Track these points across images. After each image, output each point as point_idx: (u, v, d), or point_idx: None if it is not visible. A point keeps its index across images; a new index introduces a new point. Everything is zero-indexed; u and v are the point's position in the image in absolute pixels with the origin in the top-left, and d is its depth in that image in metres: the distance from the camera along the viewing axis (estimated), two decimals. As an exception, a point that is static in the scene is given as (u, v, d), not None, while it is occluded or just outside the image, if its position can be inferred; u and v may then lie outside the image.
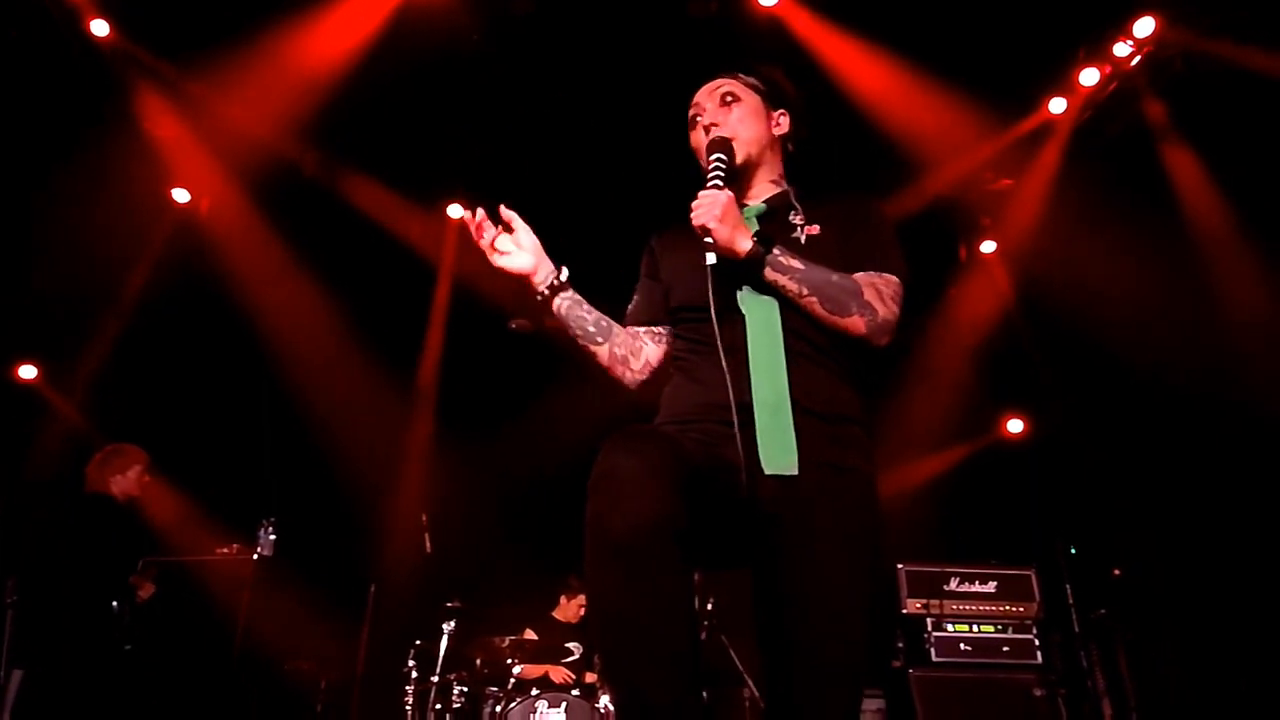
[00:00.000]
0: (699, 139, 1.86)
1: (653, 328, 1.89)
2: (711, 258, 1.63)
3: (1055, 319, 5.50)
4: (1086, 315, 5.07)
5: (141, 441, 4.21)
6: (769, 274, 1.65)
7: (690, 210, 1.66)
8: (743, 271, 1.67)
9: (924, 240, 5.67)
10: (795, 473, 1.56)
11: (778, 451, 1.57)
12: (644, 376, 1.86)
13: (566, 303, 1.81)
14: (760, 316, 1.67)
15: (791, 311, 1.67)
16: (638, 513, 1.33)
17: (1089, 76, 4.80)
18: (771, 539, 1.56)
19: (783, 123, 1.91)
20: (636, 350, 1.86)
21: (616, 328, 1.86)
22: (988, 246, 5.89)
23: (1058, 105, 5.01)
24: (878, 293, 1.69)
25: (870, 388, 1.75)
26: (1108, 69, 4.75)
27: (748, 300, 1.68)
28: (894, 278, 1.72)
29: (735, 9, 4.21)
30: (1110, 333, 4.93)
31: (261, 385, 5.50)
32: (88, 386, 5.45)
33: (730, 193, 1.67)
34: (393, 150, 5.30)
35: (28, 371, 5.49)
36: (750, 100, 1.86)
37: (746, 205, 1.84)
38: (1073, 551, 4.62)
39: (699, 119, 1.86)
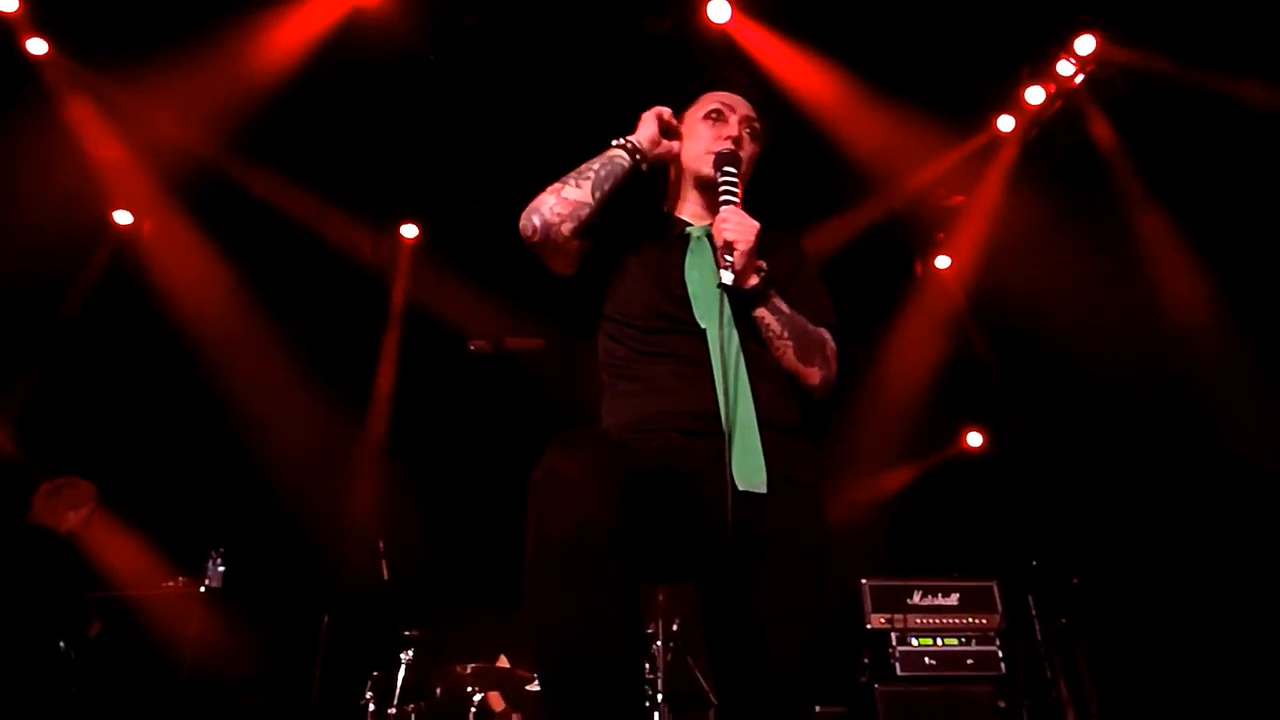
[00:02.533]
0: (705, 131, 1.85)
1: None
2: (728, 277, 1.61)
3: (1010, 332, 5.60)
4: (1040, 328, 5.16)
5: (81, 472, 4.05)
6: (762, 310, 1.69)
7: (717, 221, 1.67)
8: (735, 297, 1.68)
9: (879, 255, 5.75)
10: (764, 491, 1.57)
11: (750, 469, 1.57)
12: (568, 239, 1.72)
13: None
14: (722, 334, 1.67)
15: (747, 331, 1.69)
16: (578, 516, 1.28)
17: (1035, 95, 4.91)
18: (735, 552, 1.54)
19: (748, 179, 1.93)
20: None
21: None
22: (942, 261, 5.98)
23: (1006, 123, 5.11)
24: (832, 350, 1.77)
25: (812, 404, 1.78)
26: (1053, 87, 4.88)
27: (707, 317, 1.68)
28: (830, 334, 1.79)
29: (688, 26, 4.23)
30: (1063, 345, 5.02)
31: (208, 412, 5.33)
32: (22, 414, 5.23)
33: (758, 224, 1.68)
34: (344, 168, 5.20)
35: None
36: (758, 149, 1.91)
37: (697, 225, 1.85)
38: (1034, 563, 4.67)
39: (725, 119, 1.85)
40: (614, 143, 1.80)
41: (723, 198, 1.71)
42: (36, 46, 4.32)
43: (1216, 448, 4.37)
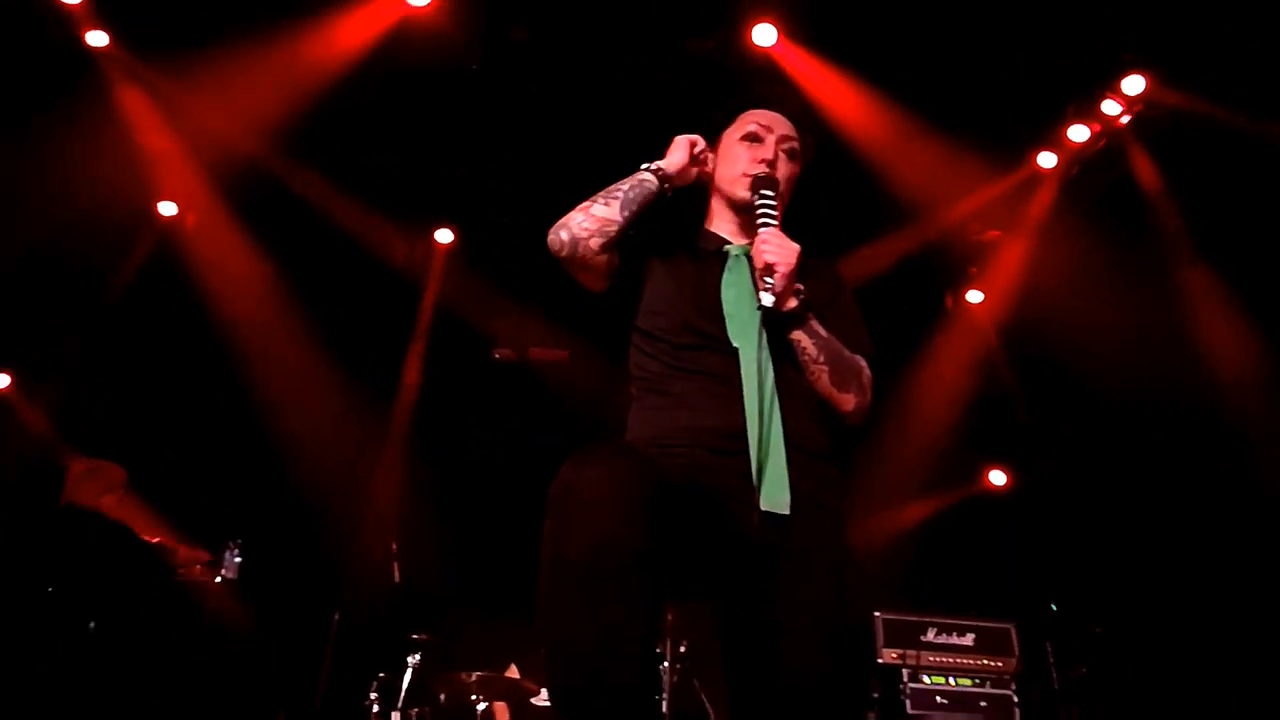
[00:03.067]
0: (742, 153, 1.84)
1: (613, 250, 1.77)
2: (768, 299, 1.61)
3: (1040, 371, 5.52)
4: (1071, 367, 5.08)
5: (109, 455, 4.12)
6: (799, 333, 1.68)
7: (757, 243, 1.66)
8: (771, 319, 1.68)
9: (910, 286, 5.70)
10: (788, 512, 1.55)
11: (774, 489, 1.56)
12: (596, 254, 1.72)
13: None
14: (753, 353, 1.66)
15: (782, 353, 1.68)
16: (597, 532, 1.25)
17: (1078, 133, 4.85)
18: (759, 573, 1.54)
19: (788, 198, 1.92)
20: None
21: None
22: (974, 296, 5.92)
23: (1047, 159, 5.06)
24: (867, 377, 1.76)
25: (843, 429, 1.76)
26: (1097, 126, 4.82)
27: (741, 336, 1.68)
28: (866, 363, 1.78)
29: (732, 47, 4.25)
30: (1094, 384, 4.94)
31: (236, 403, 5.40)
32: (58, 398, 5.34)
33: (799, 246, 1.68)
34: (384, 171, 5.28)
35: None
36: (797, 168, 1.89)
37: (739, 244, 1.85)
38: (1054, 608, 4.58)
39: (761, 140, 1.85)
40: (643, 166, 1.82)
41: (761, 219, 1.71)
42: (96, 38, 4.44)
43: (1252, 493, 4.26)
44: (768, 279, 1.62)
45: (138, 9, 4.27)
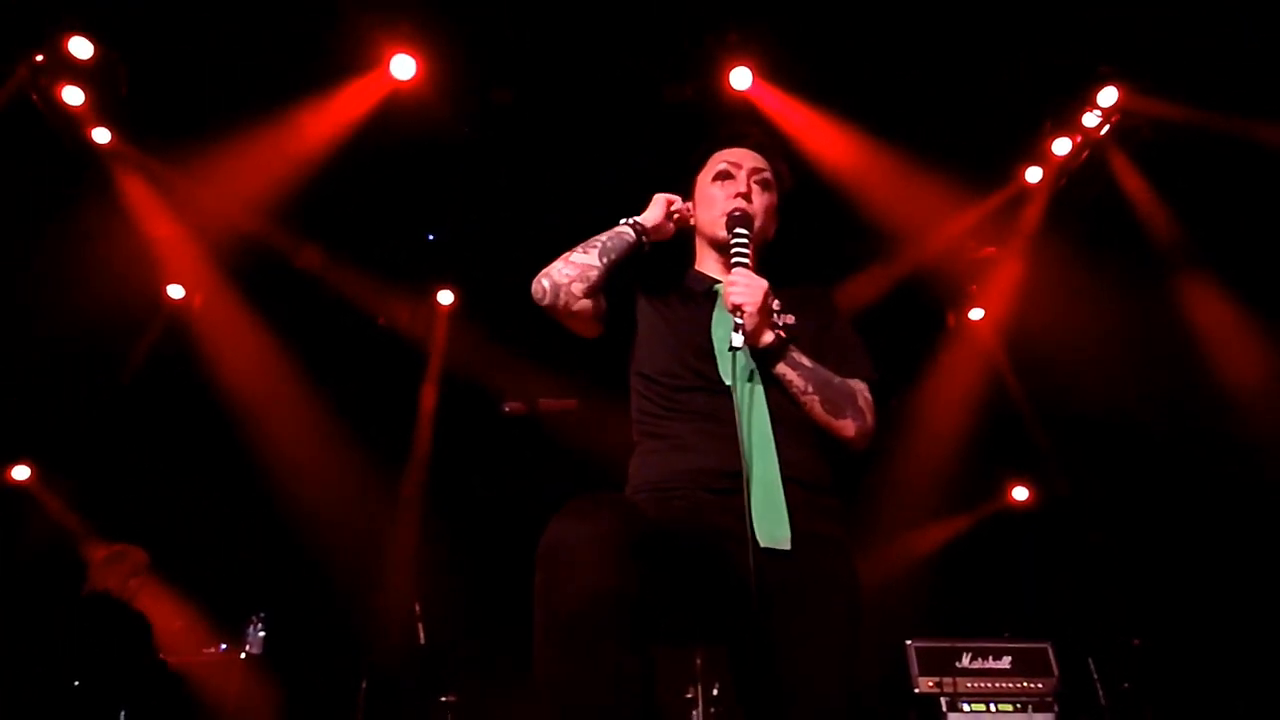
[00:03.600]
0: (716, 193, 1.89)
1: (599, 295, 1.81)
2: (739, 340, 1.63)
3: (1049, 383, 5.49)
4: (1080, 377, 5.06)
5: (130, 538, 4.14)
6: (781, 366, 1.70)
7: (725, 284, 1.69)
8: (756, 355, 1.70)
9: (912, 309, 5.73)
10: (788, 547, 1.56)
11: (772, 525, 1.57)
12: (578, 299, 1.78)
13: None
14: (748, 391, 1.68)
15: (775, 387, 1.70)
16: (585, 584, 1.28)
17: (1061, 146, 4.89)
18: (763, 611, 1.54)
19: (774, 230, 1.96)
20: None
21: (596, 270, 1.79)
22: (976, 313, 5.94)
23: (1034, 174, 5.10)
24: (865, 400, 1.76)
25: (844, 454, 1.76)
26: (1079, 138, 4.86)
27: (732, 373, 1.69)
28: (866, 386, 1.79)
29: (709, 93, 4.34)
30: (1104, 392, 4.91)
31: (249, 475, 5.44)
32: (77, 485, 5.40)
33: (766, 282, 1.69)
34: (381, 238, 5.39)
35: (21, 472, 5.45)
36: (774, 196, 1.93)
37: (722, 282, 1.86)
38: (1092, 624, 4.49)
39: (732, 176, 1.89)
40: (622, 220, 1.88)
41: (734, 260, 1.74)
42: (100, 136, 4.61)
43: (1268, 496, 4.20)
44: (736, 319, 1.64)
45: (137, 106, 4.43)
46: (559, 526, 1.35)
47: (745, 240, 1.76)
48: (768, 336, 1.70)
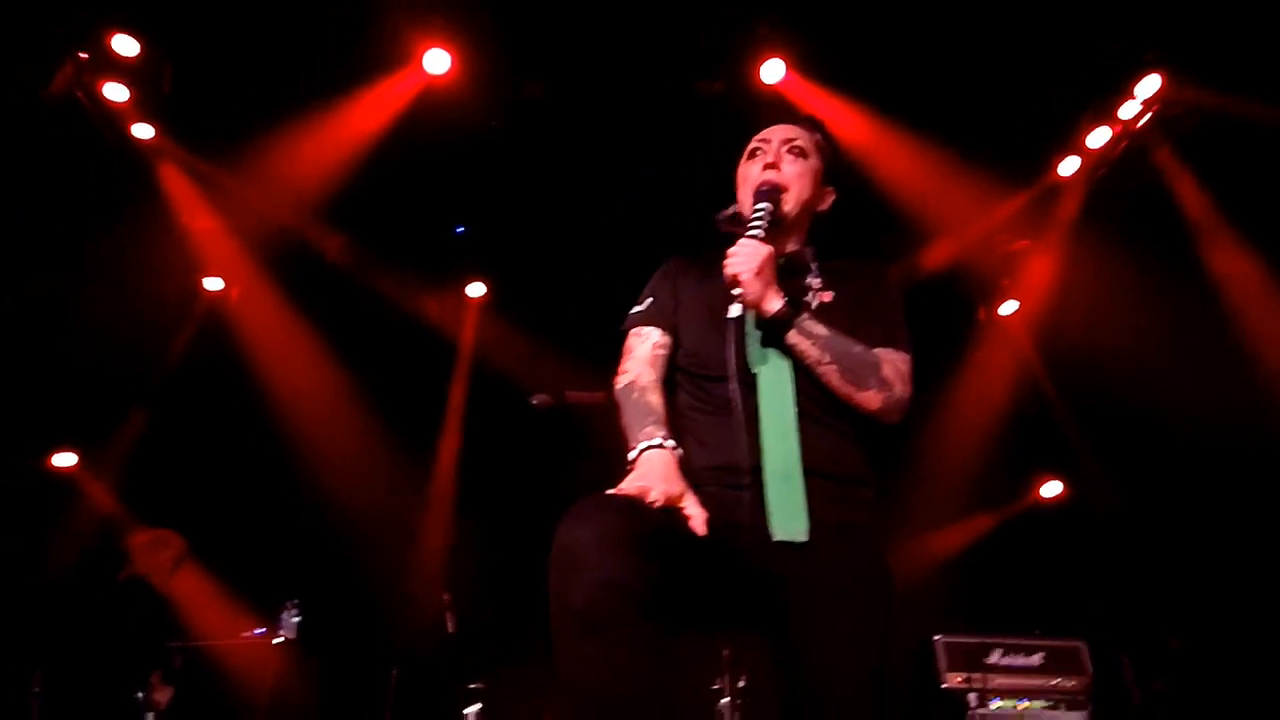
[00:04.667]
0: (750, 171, 1.86)
1: (663, 339, 1.81)
2: (736, 309, 1.60)
3: (1083, 377, 5.41)
4: (1114, 372, 4.98)
5: (167, 523, 4.25)
6: (792, 336, 1.64)
7: (725, 256, 1.65)
8: (765, 329, 1.66)
9: (942, 304, 5.66)
10: (805, 539, 1.55)
11: (788, 518, 1.56)
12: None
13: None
14: (772, 377, 1.66)
15: (804, 372, 1.67)
16: (594, 580, 1.29)
17: (1098, 136, 4.79)
18: (780, 604, 1.54)
19: (827, 201, 1.92)
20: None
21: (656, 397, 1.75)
22: (1008, 307, 5.86)
23: (1069, 165, 5.00)
24: (896, 370, 1.68)
25: (878, 447, 1.73)
26: (1117, 128, 4.75)
27: (760, 358, 1.67)
28: (907, 355, 1.72)
29: (741, 87, 4.31)
30: (1140, 389, 4.82)
31: (284, 464, 5.55)
32: (120, 471, 5.54)
33: (770, 248, 1.66)
34: (413, 232, 5.44)
35: (65, 459, 5.60)
36: (813, 161, 1.88)
37: None
38: (1128, 621, 4.43)
39: (760, 152, 1.87)
40: (641, 444, 1.65)
41: (749, 231, 1.70)
42: (142, 131, 4.71)
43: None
44: (735, 289, 1.62)
45: (179, 101, 4.53)
46: (564, 530, 1.36)
47: (765, 214, 1.73)
48: (773, 303, 1.65)
